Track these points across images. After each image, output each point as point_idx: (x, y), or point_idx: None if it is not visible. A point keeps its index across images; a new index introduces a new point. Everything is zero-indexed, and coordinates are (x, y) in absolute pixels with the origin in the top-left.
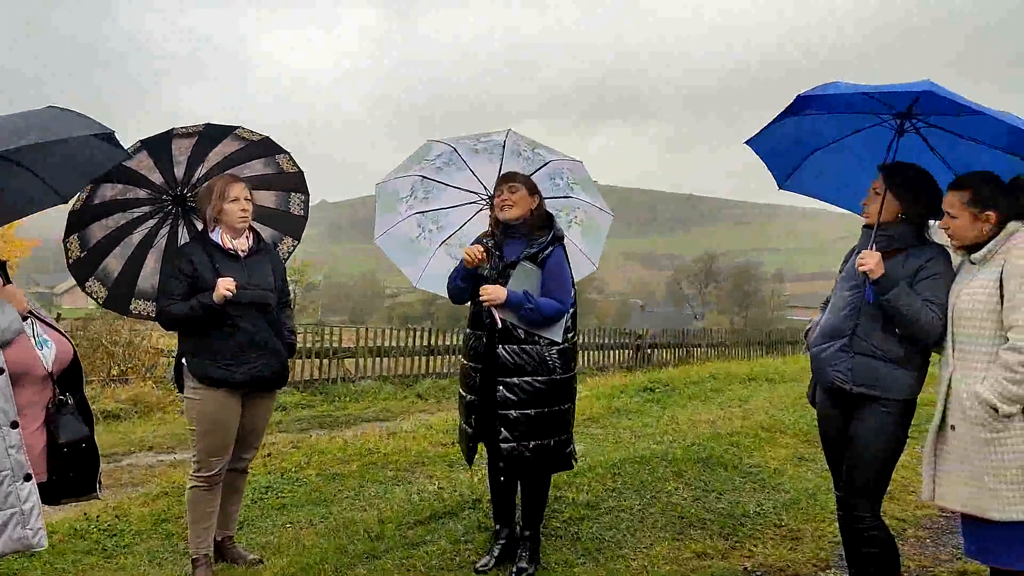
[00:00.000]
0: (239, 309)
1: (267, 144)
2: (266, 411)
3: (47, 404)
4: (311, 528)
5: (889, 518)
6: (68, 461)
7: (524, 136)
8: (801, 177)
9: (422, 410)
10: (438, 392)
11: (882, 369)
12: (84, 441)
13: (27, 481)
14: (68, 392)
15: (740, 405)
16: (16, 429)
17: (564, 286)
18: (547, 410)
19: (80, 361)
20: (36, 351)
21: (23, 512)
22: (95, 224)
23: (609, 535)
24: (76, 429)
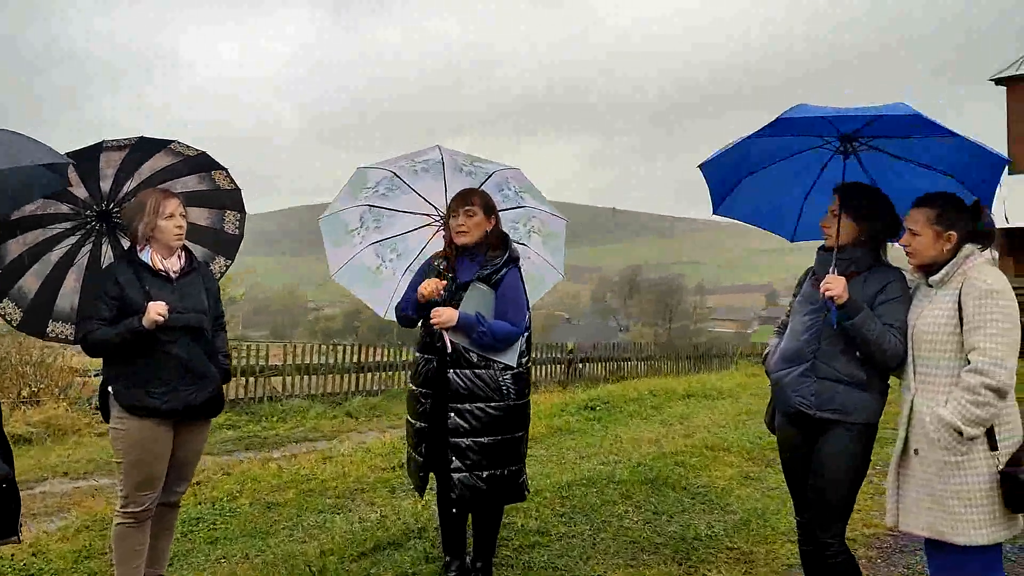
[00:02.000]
0: (171, 334)
1: (203, 159)
2: (200, 441)
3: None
4: (247, 563)
5: None
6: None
7: (456, 150)
8: (734, 201)
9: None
10: (368, 410)
11: (845, 393)
12: (4, 481)
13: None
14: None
15: (681, 423)
16: None
17: (519, 308)
18: (501, 438)
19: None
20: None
21: None
22: (12, 241)
23: (561, 563)
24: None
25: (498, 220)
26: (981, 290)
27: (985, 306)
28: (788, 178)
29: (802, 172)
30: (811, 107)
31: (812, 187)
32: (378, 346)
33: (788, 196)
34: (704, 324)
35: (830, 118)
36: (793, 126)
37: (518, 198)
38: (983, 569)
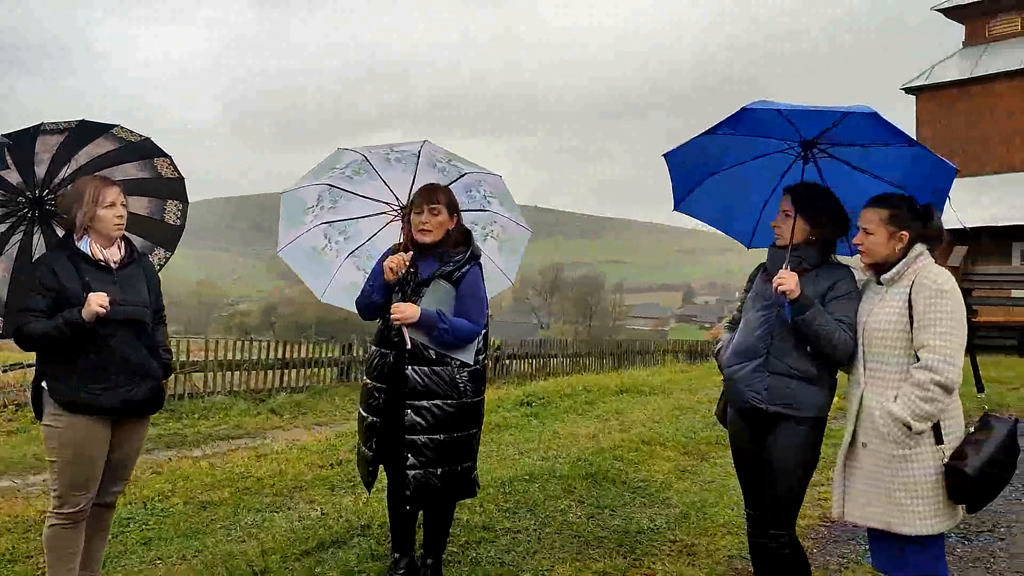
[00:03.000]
0: (110, 327)
1: (146, 146)
2: (139, 439)
3: None
4: (185, 564)
5: None
6: None
7: (440, 147)
8: (694, 200)
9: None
10: (293, 407)
11: (796, 388)
12: None
13: None
14: None
15: (617, 418)
16: None
17: (479, 306)
18: (456, 435)
19: None
20: None
21: None
22: None
23: (508, 558)
24: None
25: (460, 219)
26: (931, 290)
27: (935, 305)
28: (749, 183)
29: (763, 177)
30: (774, 102)
31: (771, 194)
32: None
33: (747, 201)
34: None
35: (793, 120)
36: (756, 122)
37: (484, 201)
38: (927, 558)
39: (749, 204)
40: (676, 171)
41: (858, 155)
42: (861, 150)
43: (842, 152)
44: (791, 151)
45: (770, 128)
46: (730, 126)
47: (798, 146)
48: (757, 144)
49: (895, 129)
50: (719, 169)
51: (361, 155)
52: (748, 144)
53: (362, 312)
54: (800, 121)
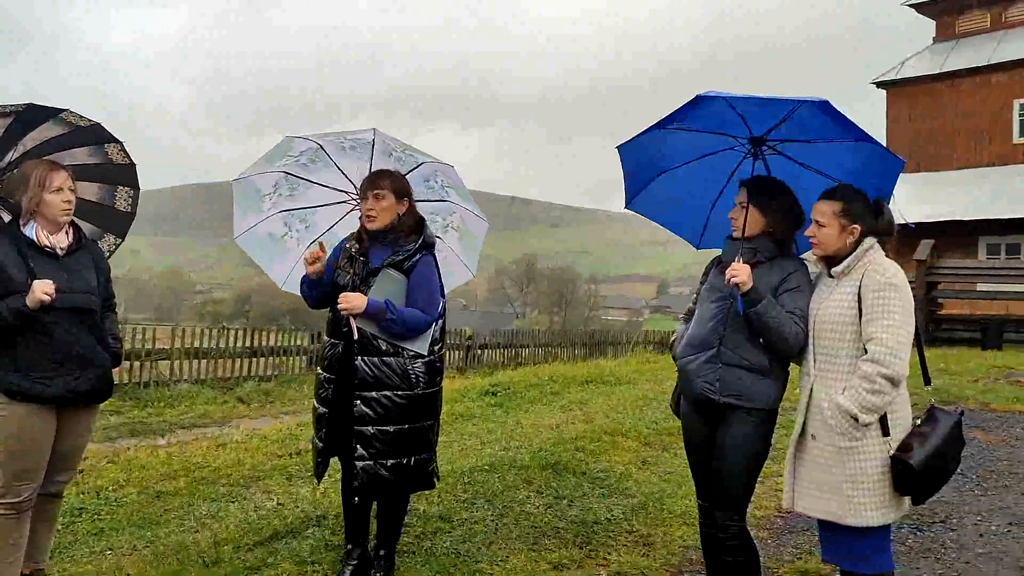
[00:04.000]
0: (56, 315)
1: (96, 131)
2: (86, 428)
3: None
4: (135, 555)
5: None
6: None
7: (392, 136)
8: (645, 198)
9: (244, 415)
10: (261, 396)
11: (748, 379)
12: None
13: None
14: None
15: (580, 408)
16: None
17: (431, 296)
18: (408, 427)
19: None
20: None
21: None
22: None
23: (464, 548)
24: None
25: (412, 204)
26: (880, 283)
27: (883, 298)
28: (698, 182)
29: (711, 176)
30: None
31: (720, 194)
32: (270, 330)
33: (696, 200)
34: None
35: (745, 115)
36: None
37: (443, 191)
38: (873, 548)
39: (698, 203)
40: (628, 166)
41: (806, 152)
42: (809, 146)
43: (790, 149)
44: (740, 148)
45: (720, 123)
46: (684, 115)
47: (747, 143)
48: (706, 141)
49: (845, 121)
50: (668, 167)
51: (315, 143)
52: (697, 142)
53: (305, 300)
54: (751, 116)
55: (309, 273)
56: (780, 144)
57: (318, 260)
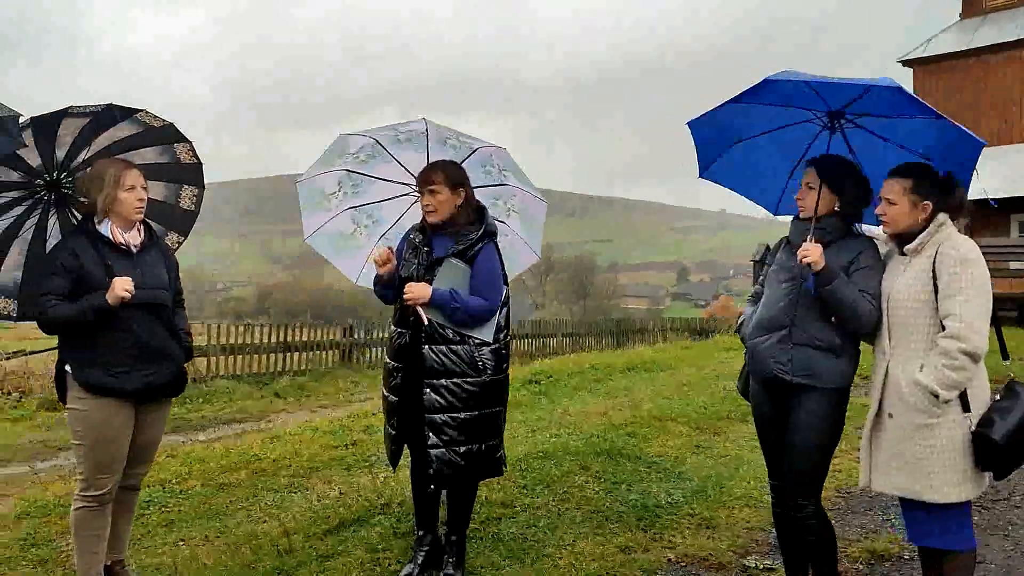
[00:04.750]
0: (132, 311)
1: (168, 131)
2: (162, 421)
3: None
4: (208, 545)
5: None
6: None
7: (442, 124)
8: (721, 167)
9: (282, 409)
10: (296, 390)
11: (820, 359)
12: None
13: None
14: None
15: (625, 395)
16: None
17: (494, 284)
18: (477, 413)
19: None
20: None
21: None
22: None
23: (530, 533)
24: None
25: (470, 192)
26: (955, 259)
27: (960, 274)
28: (776, 150)
29: (790, 146)
30: (798, 72)
31: (798, 163)
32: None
33: (774, 168)
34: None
35: (819, 90)
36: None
37: (501, 175)
38: (955, 525)
39: (776, 171)
40: (701, 139)
41: (885, 126)
42: (887, 121)
43: (869, 122)
44: (818, 121)
45: (795, 98)
46: (753, 96)
47: (825, 116)
48: (783, 113)
49: (919, 103)
50: (745, 137)
51: (370, 139)
52: (774, 113)
53: (379, 297)
54: (826, 92)
55: (381, 274)
56: (859, 118)
57: (388, 261)
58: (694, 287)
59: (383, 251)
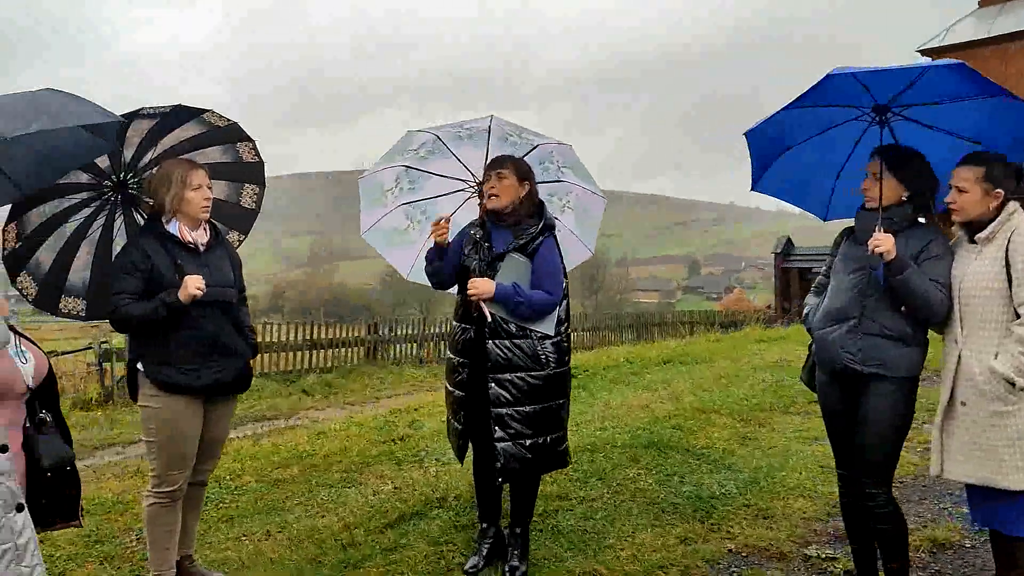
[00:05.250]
0: (202, 308)
1: (232, 131)
2: (228, 417)
3: (23, 423)
4: (270, 540)
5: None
6: (49, 487)
7: (508, 121)
8: (770, 178)
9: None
10: (324, 387)
11: (890, 348)
12: (68, 464)
13: (20, 512)
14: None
15: (664, 388)
16: (5, 454)
17: (555, 277)
18: (542, 407)
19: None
20: (18, 365)
21: (17, 547)
22: (33, 210)
23: (588, 525)
24: (59, 451)
25: (533, 188)
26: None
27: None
28: (823, 154)
29: (837, 147)
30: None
31: (844, 164)
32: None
33: (822, 174)
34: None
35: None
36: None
37: (559, 172)
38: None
39: (823, 176)
40: (755, 150)
41: (932, 113)
42: (934, 108)
43: (916, 112)
44: (864, 118)
45: (843, 96)
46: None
47: (871, 112)
48: (830, 114)
49: (979, 79)
50: (793, 144)
51: (432, 135)
52: (820, 116)
53: (430, 280)
54: (875, 85)
55: (437, 242)
56: (906, 109)
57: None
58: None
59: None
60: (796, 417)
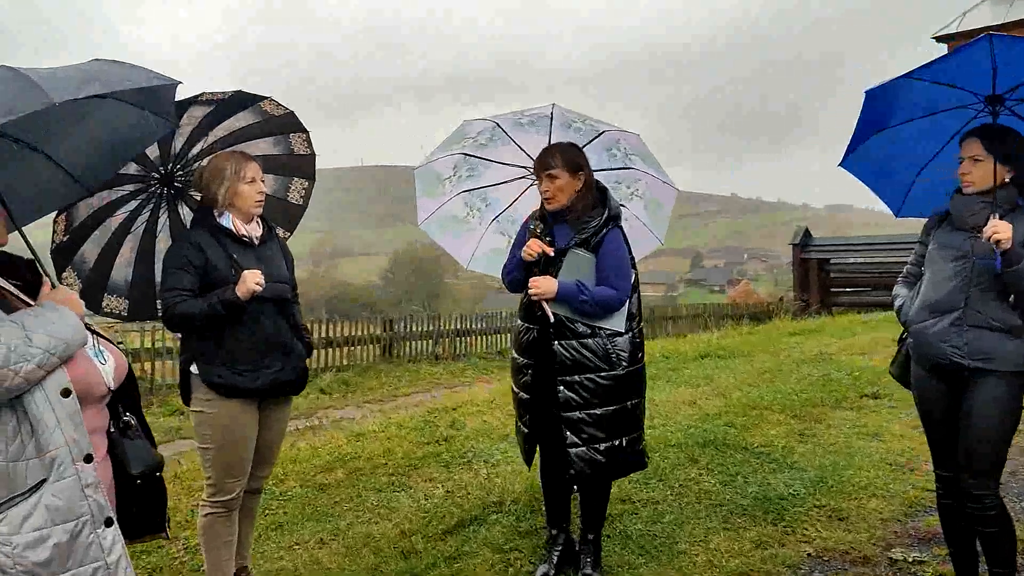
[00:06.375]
0: (259, 305)
1: (287, 121)
2: (285, 420)
3: (107, 428)
4: (325, 548)
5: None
6: (139, 495)
7: (571, 109)
8: (858, 157)
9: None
10: (341, 386)
11: (997, 341)
12: (158, 469)
13: (109, 527)
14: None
15: (707, 384)
16: (91, 463)
17: (622, 271)
18: (615, 408)
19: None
20: (98, 365)
21: (108, 566)
22: (82, 202)
23: (657, 530)
24: (147, 456)
25: (590, 176)
26: None
27: None
28: (916, 141)
29: (933, 136)
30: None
31: (935, 156)
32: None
33: (908, 163)
34: None
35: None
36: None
37: (626, 159)
38: None
39: (908, 166)
40: (864, 116)
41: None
42: None
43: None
44: (973, 107)
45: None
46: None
47: (982, 102)
48: (939, 96)
49: None
50: (888, 124)
51: (492, 122)
52: (930, 96)
53: (508, 286)
54: (1004, 68)
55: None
56: (1020, 105)
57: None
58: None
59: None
60: (850, 412)
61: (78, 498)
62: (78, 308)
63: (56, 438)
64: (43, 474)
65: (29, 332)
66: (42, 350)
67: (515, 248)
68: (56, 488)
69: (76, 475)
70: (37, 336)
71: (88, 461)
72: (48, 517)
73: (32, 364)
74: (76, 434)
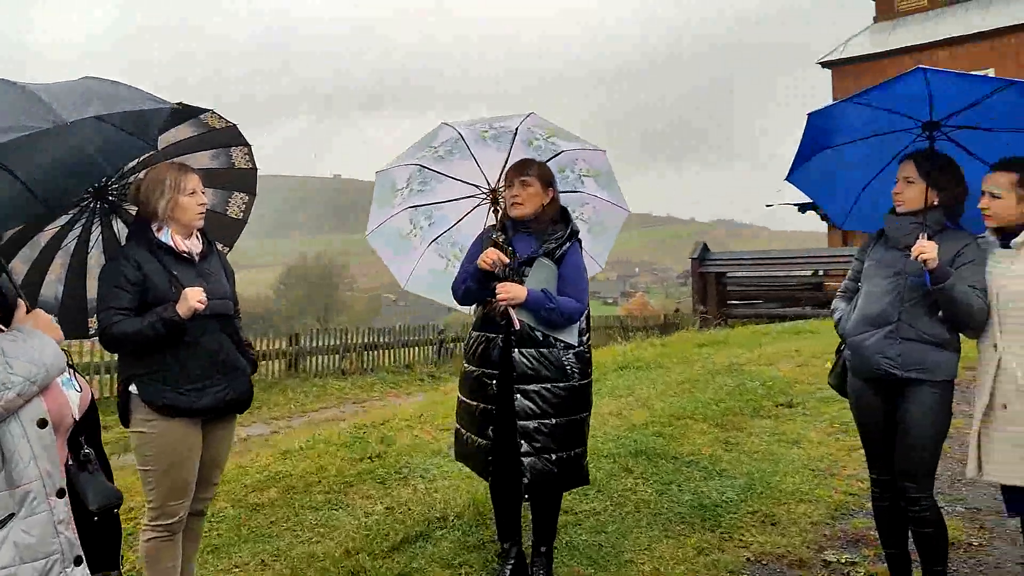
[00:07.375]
0: (201, 323)
1: (229, 134)
2: (229, 439)
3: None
4: (268, 569)
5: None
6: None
7: (545, 121)
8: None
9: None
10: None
11: (929, 353)
12: (116, 505)
13: (78, 566)
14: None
15: (630, 395)
16: (64, 499)
17: (580, 284)
18: (567, 420)
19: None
20: (67, 395)
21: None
22: None
23: (602, 540)
24: (107, 491)
25: (556, 195)
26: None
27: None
28: (858, 161)
29: (874, 157)
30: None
31: (876, 176)
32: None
33: (851, 180)
34: None
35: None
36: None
37: (578, 181)
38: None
39: (852, 183)
40: (807, 136)
41: (983, 141)
42: (989, 136)
43: (965, 137)
44: (912, 131)
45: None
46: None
47: (920, 127)
48: (880, 120)
49: None
50: (832, 144)
51: (457, 132)
52: (871, 119)
53: (460, 299)
54: (940, 96)
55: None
56: (955, 131)
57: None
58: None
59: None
60: (768, 421)
61: (50, 535)
62: (56, 334)
63: (30, 471)
64: (12, 508)
65: (9, 359)
66: (23, 378)
67: (466, 262)
68: (27, 524)
69: (49, 511)
70: (18, 363)
71: (60, 496)
72: (16, 554)
73: (13, 392)
74: (51, 467)
